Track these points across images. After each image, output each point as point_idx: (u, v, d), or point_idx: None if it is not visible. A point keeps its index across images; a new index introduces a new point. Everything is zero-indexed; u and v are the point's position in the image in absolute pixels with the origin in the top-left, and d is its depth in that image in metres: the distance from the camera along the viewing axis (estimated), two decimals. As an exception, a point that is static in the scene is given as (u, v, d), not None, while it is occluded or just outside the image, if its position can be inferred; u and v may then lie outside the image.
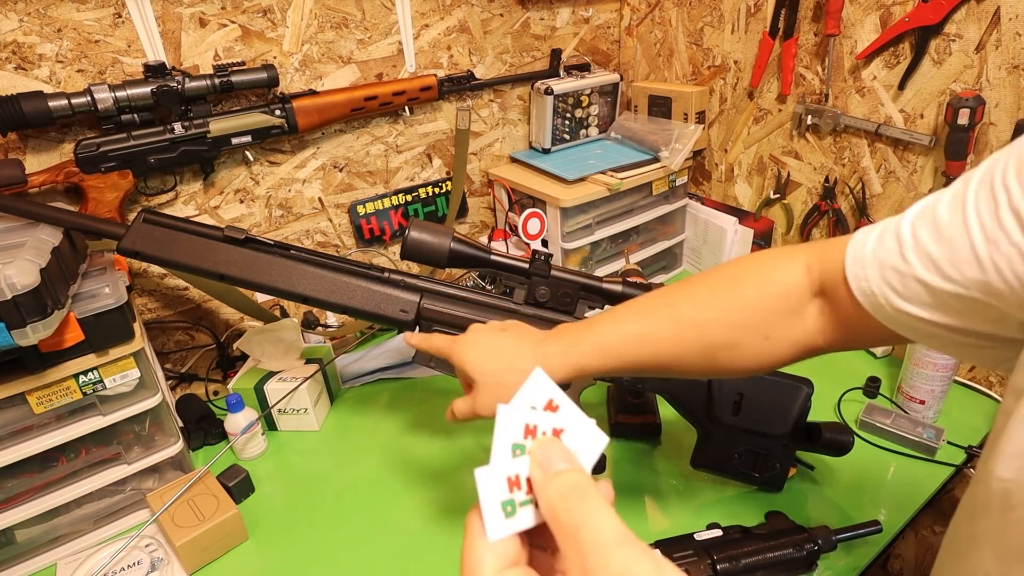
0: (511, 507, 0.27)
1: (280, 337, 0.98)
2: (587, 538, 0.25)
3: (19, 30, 0.80)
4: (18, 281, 0.61)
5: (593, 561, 0.24)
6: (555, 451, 0.28)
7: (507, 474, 0.28)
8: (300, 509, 0.84)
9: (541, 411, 0.29)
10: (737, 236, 1.23)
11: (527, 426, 0.28)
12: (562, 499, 0.26)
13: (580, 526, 0.25)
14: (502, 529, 0.27)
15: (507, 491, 0.27)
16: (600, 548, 0.25)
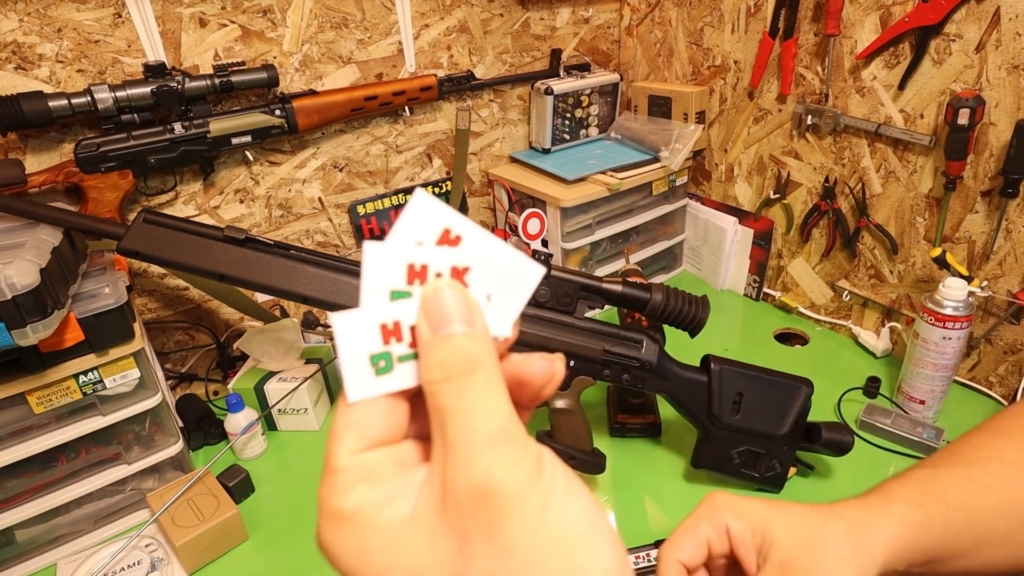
0: (385, 361, 0.21)
1: (280, 337, 0.98)
2: (455, 429, 0.19)
3: (19, 30, 0.80)
4: (18, 281, 0.61)
5: (454, 459, 0.19)
6: (454, 303, 0.21)
7: (381, 320, 0.21)
8: (300, 509, 0.84)
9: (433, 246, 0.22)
10: (737, 236, 1.23)
11: (411, 267, 0.21)
12: (442, 371, 0.20)
13: (452, 412, 0.19)
14: (366, 388, 0.21)
15: (380, 342, 0.21)
16: (466, 445, 0.19)
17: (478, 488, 0.18)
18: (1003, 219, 0.86)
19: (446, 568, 0.18)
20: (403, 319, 0.21)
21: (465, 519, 0.18)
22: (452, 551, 0.19)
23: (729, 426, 0.78)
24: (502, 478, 0.18)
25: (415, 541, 0.19)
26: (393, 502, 0.20)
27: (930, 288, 0.94)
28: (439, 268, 0.21)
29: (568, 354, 0.77)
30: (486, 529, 0.18)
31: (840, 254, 1.09)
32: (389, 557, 0.20)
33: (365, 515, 0.20)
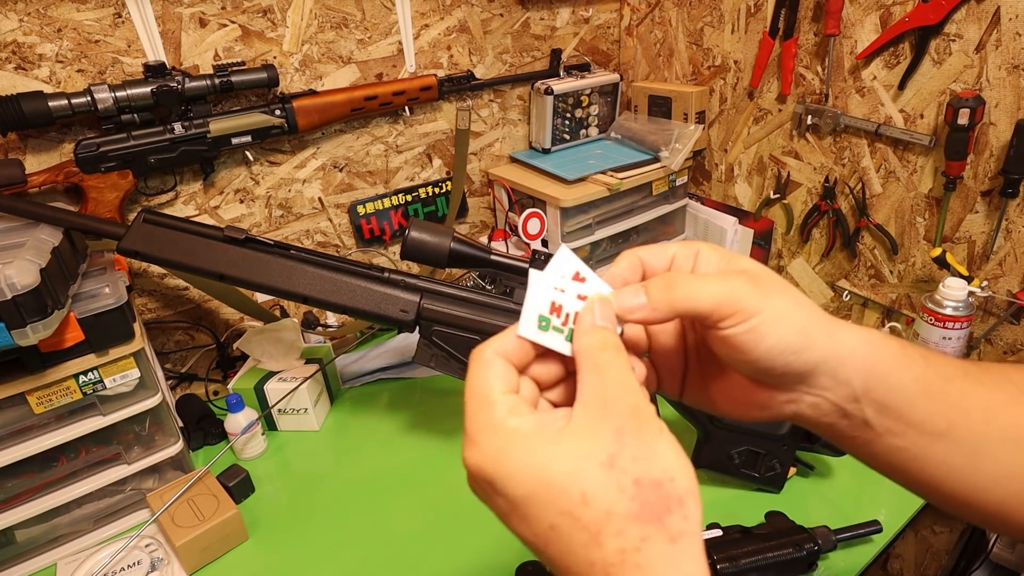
0: (546, 323, 0.32)
1: (280, 337, 0.98)
2: (615, 374, 0.30)
3: (19, 30, 0.80)
4: (18, 281, 0.61)
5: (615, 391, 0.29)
6: (609, 310, 0.32)
7: (552, 298, 0.32)
8: (300, 509, 0.84)
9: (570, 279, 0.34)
10: (737, 236, 1.23)
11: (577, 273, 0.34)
12: (602, 344, 0.31)
13: (611, 365, 0.30)
14: (528, 332, 0.32)
15: (548, 310, 0.32)
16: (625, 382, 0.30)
17: (635, 406, 0.29)
18: (1003, 219, 0.86)
19: (605, 451, 0.28)
20: (564, 304, 0.32)
21: (623, 422, 0.28)
22: (611, 439, 0.28)
23: (729, 426, 0.78)
24: (645, 405, 0.29)
25: (581, 436, 0.28)
26: (545, 424, 0.30)
27: (930, 288, 0.94)
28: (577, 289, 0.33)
29: (568, 354, 0.77)
30: (636, 432, 0.28)
31: (840, 254, 1.09)
32: (557, 448, 0.28)
33: (528, 428, 0.29)
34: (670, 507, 0.27)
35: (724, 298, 0.31)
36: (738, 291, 0.32)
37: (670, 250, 0.37)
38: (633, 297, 0.33)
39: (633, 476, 0.27)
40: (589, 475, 0.27)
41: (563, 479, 0.27)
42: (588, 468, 0.27)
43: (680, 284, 0.32)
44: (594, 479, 0.27)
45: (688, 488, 0.28)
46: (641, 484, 0.27)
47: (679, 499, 0.27)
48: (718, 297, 0.31)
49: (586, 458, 0.28)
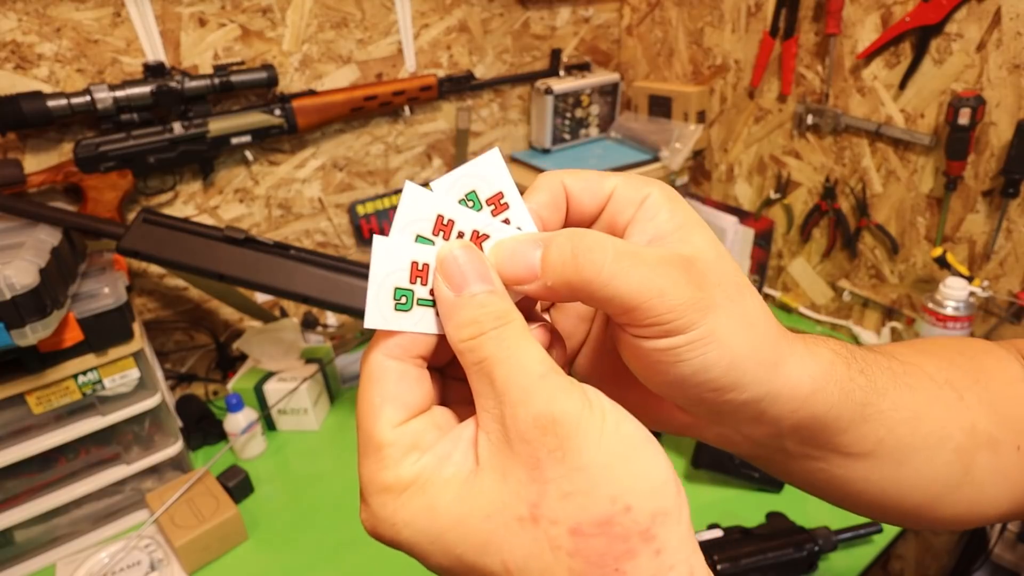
0: (406, 299, 0.22)
1: (280, 337, 0.98)
2: (504, 373, 0.21)
3: (18, 29, 0.79)
4: (17, 281, 0.61)
5: (511, 397, 0.20)
6: (470, 266, 0.22)
7: (413, 257, 0.22)
8: (300, 509, 0.83)
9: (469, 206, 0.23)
10: (737, 236, 1.23)
11: (440, 217, 0.22)
12: (476, 327, 0.21)
13: (497, 359, 0.21)
14: (384, 319, 0.21)
15: (408, 278, 0.22)
16: (520, 382, 0.20)
17: (543, 417, 0.20)
18: (1004, 219, 0.85)
19: (523, 498, 0.20)
20: (431, 264, 0.22)
21: (534, 448, 0.20)
22: (525, 480, 0.20)
23: (729, 426, 0.78)
24: (563, 406, 0.20)
25: (486, 484, 0.20)
26: (450, 459, 0.22)
27: (931, 288, 0.94)
28: (463, 228, 0.23)
29: (568, 354, 0.77)
30: (556, 453, 0.19)
31: (840, 254, 1.09)
32: (463, 506, 0.20)
33: (427, 477, 0.21)
34: (632, 549, 0.19)
35: (648, 297, 0.22)
36: (669, 293, 0.22)
37: (609, 184, 0.26)
38: (522, 258, 0.23)
39: (568, 524, 0.19)
40: (509, 540, 0.20)
41: (476, 551, 0.20)
42: (505, 530, 0.20)
43: (592, 257, 0.22)
44: (516, 544, 0.20)
45: (656, 511, 0.19)
46: (581, 532, 0.19)
47: (643, 533, 0.19)
48: (640, 293, 0.22)
49: (499, 516, 0.20)
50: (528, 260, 0.23)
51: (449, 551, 0.21)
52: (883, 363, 0.30)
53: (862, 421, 0.28)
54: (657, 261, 0.22)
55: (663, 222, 0.24)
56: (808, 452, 0.28)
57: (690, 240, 0.24)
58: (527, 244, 0.23)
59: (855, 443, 0.28)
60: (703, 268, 0.23)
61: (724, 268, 0.25)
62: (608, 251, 0.22)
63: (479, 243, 0.23)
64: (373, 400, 0.22)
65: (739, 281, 0.25)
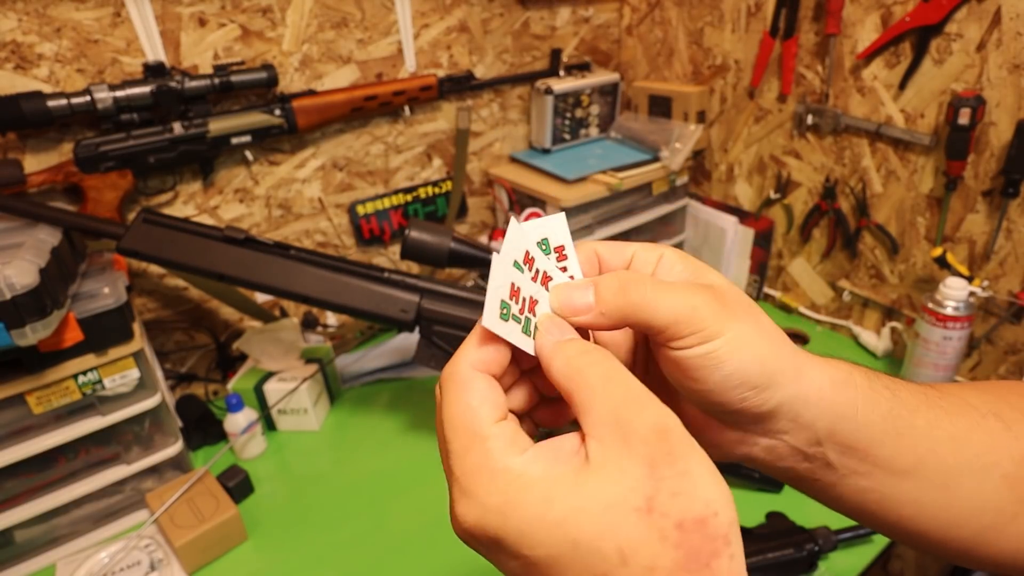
0: (506, 311, 0.26)
1: (280, 337, 0.98)
2: (618, 388, 0.25)
3: (18, 29, 0.79)
4: (17, 281, 0.61)
5: (628, 409, 0.24)
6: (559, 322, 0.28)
7: (513, 279, 0.27)
8: (300, 509, 0.83)
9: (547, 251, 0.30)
10: (737, 236, 1.23)
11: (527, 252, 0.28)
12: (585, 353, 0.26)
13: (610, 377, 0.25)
14: (493, 324, 0.26)
15: (509, 295, 0.27)
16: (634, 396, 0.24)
17: (659, 425, 0.23)
18: (1004, 219, 0.85)
19: (640, 493, 0.23)
20: (523, 288, 0.27)
21: (653, 450, 0.23)
22: (642, 477, 0.23)
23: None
24: (670, 421, 0.24)
25: (603, 479, 0.23)
26: (559, 460, 0.25)
27: (931, 288, 0.94)
28: (539, 266, 0.29)
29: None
30: (669, 457, 0.23)
31: (840, 254, 1.09)
32: (580, 499, 0.23)
33: (539, 470, 0.24)
34: (717, 549, 0.22)
35: (683, 312, 0.27)
36: (700, 308, 0.27)
37: (630, 249, 0.32)
38: (580, 295, 0.28)
39: (675, 519, 0.22)
40: (625, 527, 0.22)
41: (594, 536, 0.22)
42: (623, 519, 0.22)
43: (636, 288, 0.28)
44: (632, 531, 0.22)
45: (732, 520, 0.23)
46: (684, 527, 0.22)
47: (725, 537, 0.22)
48: (676, 310, 0.27)
49: (619, 506, 0.22)
50: (584, 297, 0.28)
51: (565, 537, 0.23)
52: (913, 387, 0.32)
53: (896, 434, 0.30)
54: (686, 287, 0.29)
55: (679, 271, 0.31)
56: (853, 467, 0.31)
57: (706, 277, 0.31)
58: (580, 286, 0.29)
59: (895, 457, 0.30)
60: (721, 292, 0.29)
61: (738, 295, 0.30)
62: (647, 281, 0.28)
63: (545, 283, 0.29)
64: (470, 402, 0.26)
65: (752, 305, 0.30)
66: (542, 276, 0.28)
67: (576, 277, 0.30)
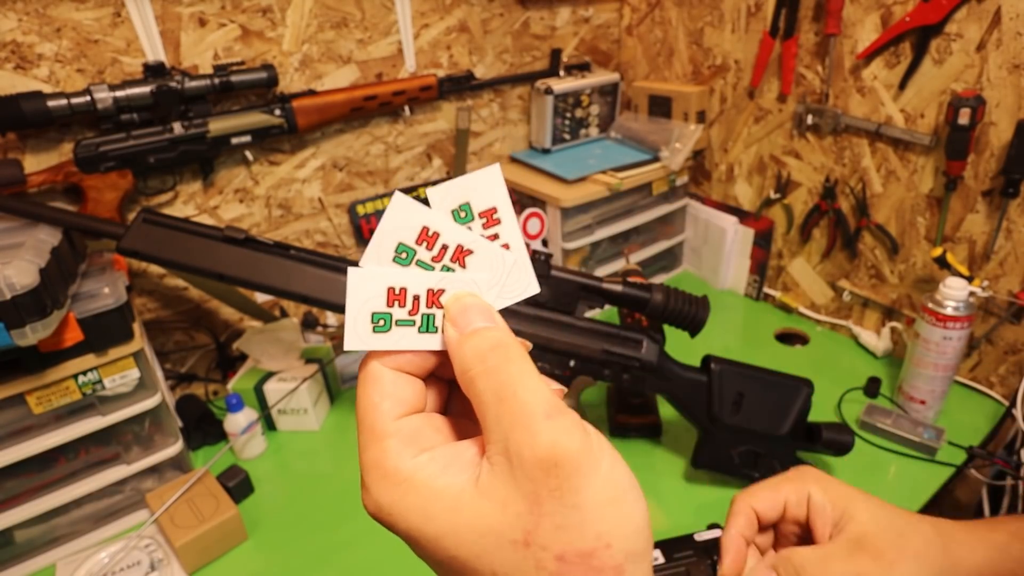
0: (384, 321, 0.23)
1: (280, 337, 0.98)
2: (510, 408, 0.22)
3: (18, 29, 0.79)
4: (17, 281, 0.61)
5: (517, 436, 0.22)
6: (473, 307, 0.24)
7: (389, 283, 0.23)
8: (300, 509, 0.83)
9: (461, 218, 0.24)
10: (737, 236, 1.23)
11: (425, 229, 0.23)
12: (480, 361, 0.23)
13: (503, 394, 0.23)
14: (362, 341, 0.23)
15: (385, 303, 0.23)
16: (525, 420, 0.22)
17: (547, 458, 0.22)
18: (1004, 219, 0.85)
19: (518, 527, 0.22)
20: (409, 287, 0.23)
21: (537, 486, 0.22)
22: (523, 512, 0.22)
23: (729, 426, 0.78)
24: (566, 447, 0.22)
25: (484, 507, 0.22)
26: (449, 471, 0.23)
27: (931, 288, 0.94)
28: (448, 241, 0.24)
29: (568, 354, 0.77)
30: (556, 492, 0.22)
31: (840, 254, 1.09)
32: (457, 521, 0.22)
33: (423, 479, 0.23)
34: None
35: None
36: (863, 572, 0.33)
37: (781, 496, 0.37)
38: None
39: (556, 551, 0.22)
40: (500, 555, 0.22)
41: (470, 557, 0.22)
42: (498, 547, 0.22)
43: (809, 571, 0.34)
44: (507, 560, 0.22)
45: (630, 551, 0.22)
46: (566, 559, 0.22)
47: (616, 567, 0.22)
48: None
49: (495, 536, 0.22)
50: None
51: (442, 551, 0.23)
52: None
53: None
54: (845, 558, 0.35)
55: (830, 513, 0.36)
56: None
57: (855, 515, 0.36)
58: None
59: None
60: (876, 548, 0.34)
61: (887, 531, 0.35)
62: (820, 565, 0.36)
63: (462, 258, 0.24)
64: (372, 397, 0.25)
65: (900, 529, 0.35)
66: (453, 252, 0.24)
67: (513, 246, 0.24)
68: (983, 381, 0.97)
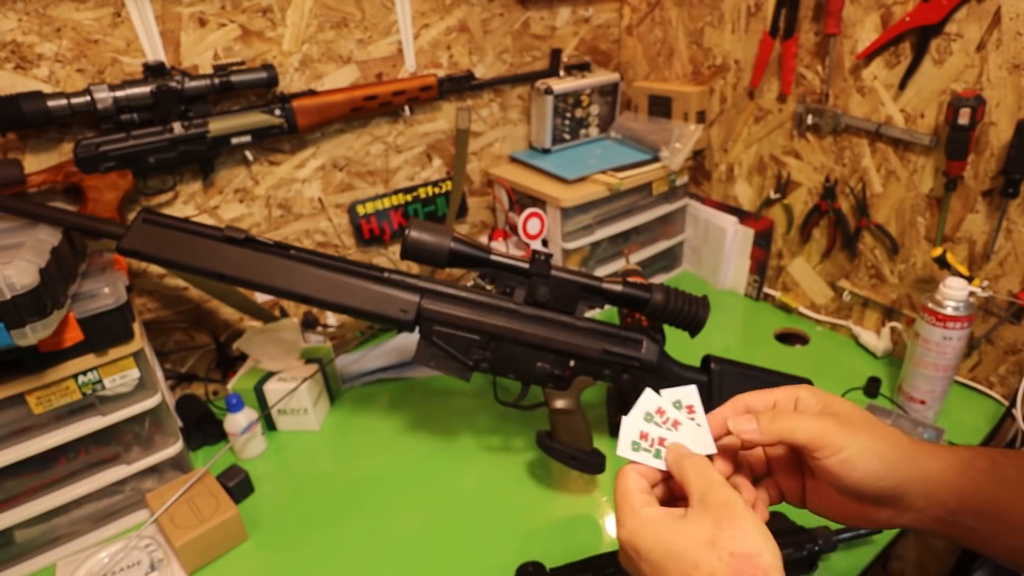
0: (636, 447, 0.44)
1: (280, 337, 0.98)
2: (703, 480, 0.41)
3: (18, 29, 0.80)
4: (17, 281, 0.61)
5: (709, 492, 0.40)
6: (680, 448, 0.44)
7: (641, 429, 0.44)
8: (300, 509, 0.83)
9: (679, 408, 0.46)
10: (737, 236, 1.23)
11: (660, 409, 0.45)
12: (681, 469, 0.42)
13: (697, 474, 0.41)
14: (624, 452, 0.44)
15: (638, 437, 0.44)
16: (712, 484, 0.40)
17: (725, 502, 0.39)
18: (1004, 219, 0.85)
19: (708, 535, 0.38)
20: (651, 433, 0.45)
21: (719, 513, 0.39)
22: (711, 528, 0.38)
23: (729, 426, 0.78)
24: (733, 498, 0.40)
25: (689, 526, 0.39)
26: (670, 512, 0.41)
27: (931, 288, 0.94)
28: (669, 416, 0.45)
29: (568, 354, 0.77)
30: (731, 519, 0.38)
31: (840, 254, 1.09)
32: (675, 534, 0.39)
33: (654, 516, 0.41)
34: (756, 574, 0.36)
35: (815, 434, 0.41)
36: (827, 429, 0.41)
37: (772, 396, 0.46)
38: (747, 423, 0.43)
39: (729, 549, 0.37)
40: (698, 549, 0.38)
41: (681, 551, 0.38)
42: (698, 546, 0.38)
43: (782, 418, 0.43)
44: (701, 553, 0.37)
45: (772, 563, 0.36)
46: (735, 555, 0.37)
47: (764, 570, 0.36)
48: (810, 433, 0.41)
49: (696, 539, 0.38)
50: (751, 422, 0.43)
51: (667, 550, 0.39)
52: None
53: None
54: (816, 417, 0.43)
55: (814, 404, 0.45)
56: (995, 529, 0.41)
57: (834, 406, 0.44)
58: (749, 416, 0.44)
59: None
60: (845, 416, 0.42)
61: (860, 416, 0.43)
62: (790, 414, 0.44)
63: (676, 425, 0.45)
64: (627, 482, 0.43)
65: (871, 421, 0.43)
66: (672, 422, 0.45)
67: (701, 425, 0.45)
68: (983, 381, 0.97)
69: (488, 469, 0.88)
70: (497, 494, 0.84)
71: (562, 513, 0.81)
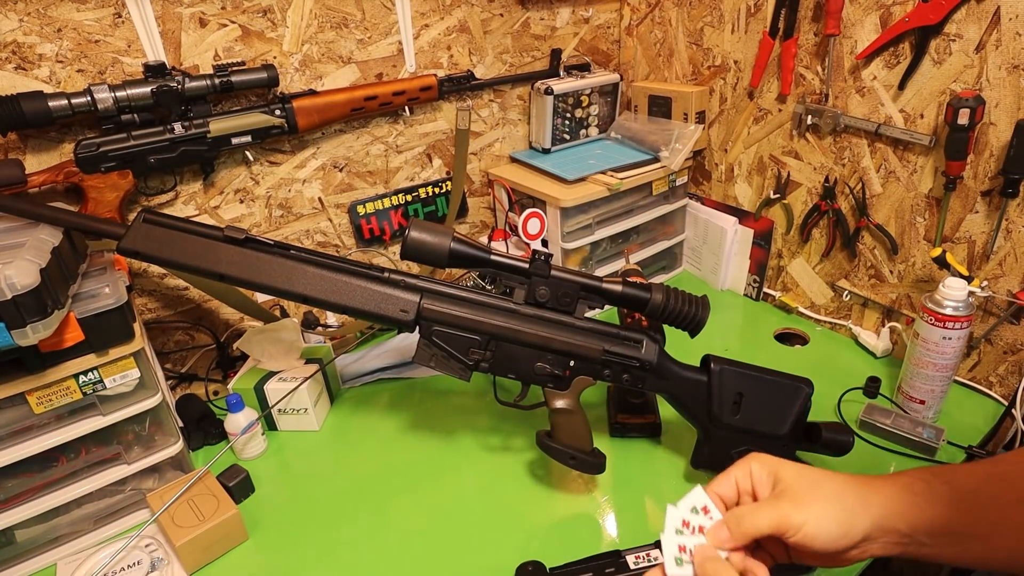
0: (678, 561, 0.46)
1: (280, 337, 0.98)
2: None
3: (19, 30, 0.80)
4: (18, 281, 0.61)
5: None
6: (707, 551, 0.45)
7: (679, 542, 0.46)
8: (300, 509, 0.84)
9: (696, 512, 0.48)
10: (737, 236, 1.23)
11: (686, 521, 0.47)
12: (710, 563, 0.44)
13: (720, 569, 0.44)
14: (674, 570, 0.45)
15: (677, 551, 0.46)
16: None
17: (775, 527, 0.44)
18: (1003, 219, 0.86)
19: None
20: (687, 544, 0.46)
21: None
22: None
23: (729, 426, 0.78)
24: None
25: None
26: None
27: (930, 288, 0.94)
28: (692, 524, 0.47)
29: (568, 354, 0.77)
30: None
31: (840, 254, 1.09)
32: None
33: None
34: None
35: (775, 522, 0.44)
36: (783, 513, 0.44)
37: (731, 477, 0.49)
38: (722, 535, 0.46)
39: None
40: None
41: None
42: None
43: (745, 519, 0.45)
44: None
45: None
46: None
47: None
48: (770, 522, 0.44)
49: None
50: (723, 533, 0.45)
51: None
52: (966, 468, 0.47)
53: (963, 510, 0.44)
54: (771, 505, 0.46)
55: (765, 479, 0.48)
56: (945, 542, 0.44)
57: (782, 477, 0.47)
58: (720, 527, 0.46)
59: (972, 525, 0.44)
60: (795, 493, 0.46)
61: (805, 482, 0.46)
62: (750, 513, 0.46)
63: (701, 531, 0.47)
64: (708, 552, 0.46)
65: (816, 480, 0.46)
66: (697, 528, 0.47)
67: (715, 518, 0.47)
68: (982, 381, 0.97)
69: (488, 469, 0.88)
70: (497, 494, 0.84)
71: (562, 513, 0.81)
